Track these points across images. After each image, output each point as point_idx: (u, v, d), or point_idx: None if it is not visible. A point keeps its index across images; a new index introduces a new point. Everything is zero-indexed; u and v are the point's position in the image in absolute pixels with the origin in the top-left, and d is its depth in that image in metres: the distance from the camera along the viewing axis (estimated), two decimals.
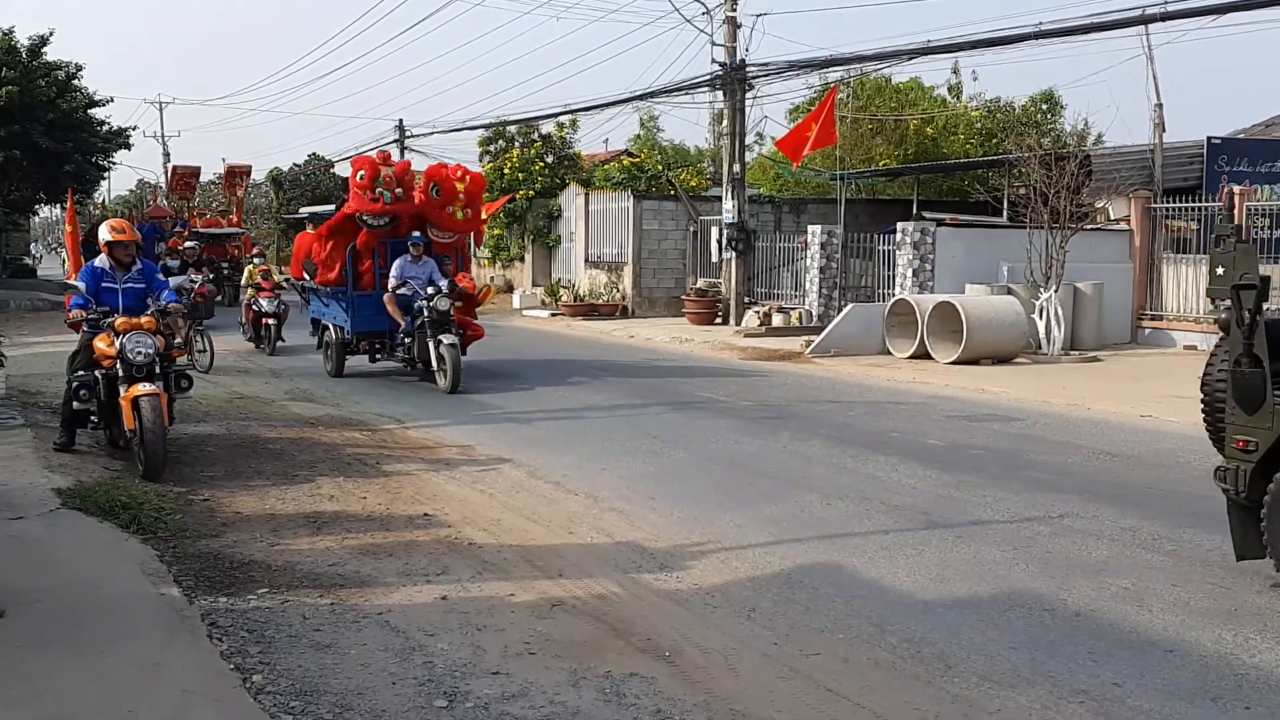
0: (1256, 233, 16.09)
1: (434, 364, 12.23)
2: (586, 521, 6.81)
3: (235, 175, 33.27)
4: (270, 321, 16.28)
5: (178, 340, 11.33)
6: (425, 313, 12.17)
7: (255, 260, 17.89)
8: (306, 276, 14.19)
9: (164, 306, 8.20)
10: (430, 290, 12.27)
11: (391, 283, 12.68)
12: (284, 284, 17.42)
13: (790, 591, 5.47)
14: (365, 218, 13.03)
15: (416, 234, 12.99)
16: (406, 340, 12.72)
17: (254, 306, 16.55)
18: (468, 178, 13.47)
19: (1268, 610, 5.20)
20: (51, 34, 27.29)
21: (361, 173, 12.91)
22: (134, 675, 4.20)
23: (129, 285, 8.27)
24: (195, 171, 33.89)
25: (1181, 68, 49.49)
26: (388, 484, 7.79)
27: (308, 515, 6.86)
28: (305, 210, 43.26)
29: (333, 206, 44.16)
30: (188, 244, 22.62)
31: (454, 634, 4.84)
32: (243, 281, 17.19)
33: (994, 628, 4.97)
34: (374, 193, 12.79)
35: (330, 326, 13.76)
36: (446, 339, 12.05)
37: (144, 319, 7.92)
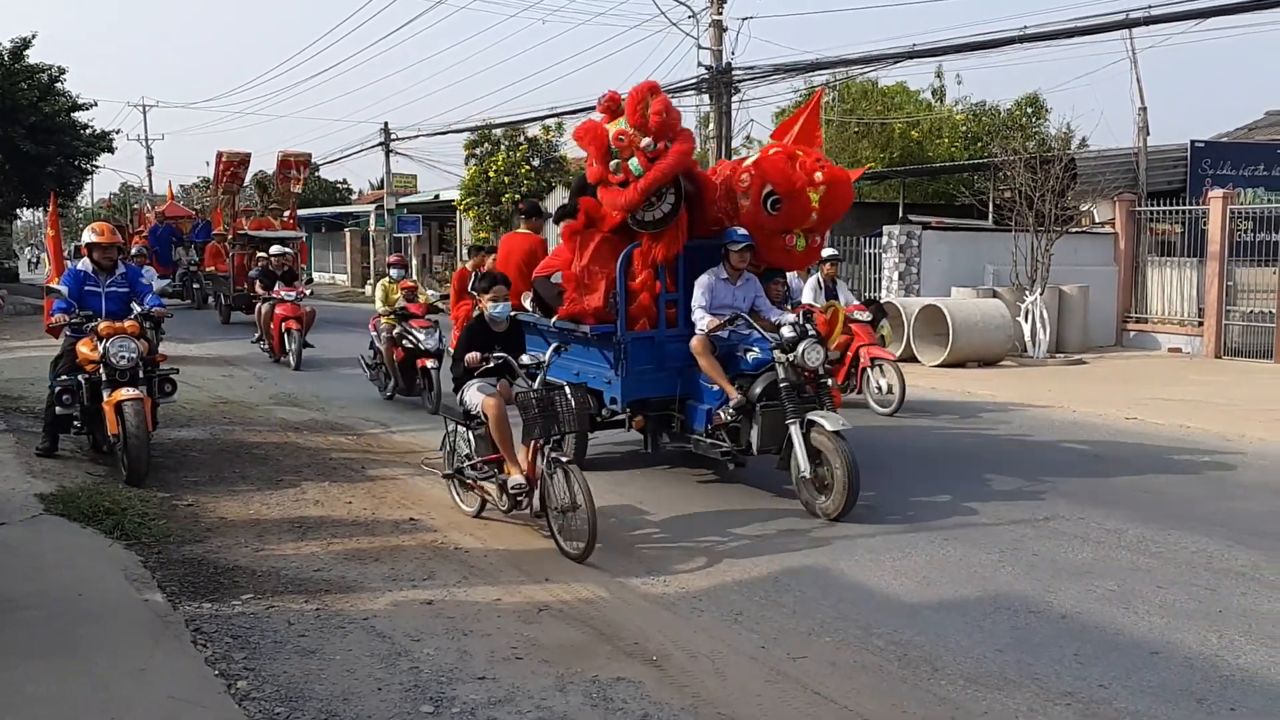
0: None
1: (800, 465, 6.88)
2: None
3: (290, 167, 25.25)
4: (430, 364, 11.09)
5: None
6: (779, 370, 6.99)
7: (393, 273, 12.52)
8: (529, 306, 8.55)
9: (147, 311, 8.19)
10: (787, 332, 7.13)
11: (703, 317, 7.48)
12: (439, 305, 12.17)
13: (777, 595, 5.47)
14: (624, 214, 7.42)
15: (741, 230, 7.65)
16: (731, 417, 7.25)
17: (404, 342, 11.44)
18: (823, 186, 7.60)
19: (1252, 611, 5.23)
20: (34, 37, 27.24)
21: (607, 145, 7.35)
22: (119, 682, 4.17)
23: (112, 289, 8.26)
24: (245, 159, 25.83)
25: (1165, 72, 49.78)
26: (373, 488, 7.75)
27: (292, 520, 6.83)
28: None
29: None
30: (274, 250, 16.57)
31: (440, 639, 4.82)
32: (378, 305, 12.09)
33: (980, 630, 4.98)
34: (609, 168, 7.33)
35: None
36: (828, 421, 6.78)
37: (127, 323, 7.90)
